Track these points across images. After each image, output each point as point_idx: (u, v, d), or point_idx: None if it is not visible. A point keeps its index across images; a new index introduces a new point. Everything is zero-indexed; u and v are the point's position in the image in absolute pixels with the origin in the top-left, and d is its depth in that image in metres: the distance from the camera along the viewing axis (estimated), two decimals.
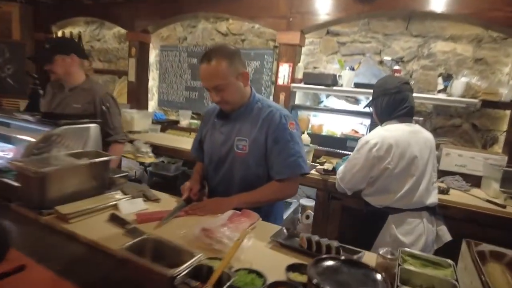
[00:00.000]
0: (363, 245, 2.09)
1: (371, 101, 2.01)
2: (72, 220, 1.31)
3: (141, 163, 3.93)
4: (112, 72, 4.50)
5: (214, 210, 1.47)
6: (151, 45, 4.14)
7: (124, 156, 2.78)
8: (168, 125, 3.75)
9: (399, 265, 1.08)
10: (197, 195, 1.70)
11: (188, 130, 3.63)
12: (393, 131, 1.85)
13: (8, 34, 4.42)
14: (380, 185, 1.86)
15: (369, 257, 1.20)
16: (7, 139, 1.79)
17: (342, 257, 1.02)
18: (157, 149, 3.22)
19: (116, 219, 1.34)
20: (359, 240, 2.13)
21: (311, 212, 2.87)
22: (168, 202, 1.63)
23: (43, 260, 1.08)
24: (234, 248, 1.00)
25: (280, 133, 1.51)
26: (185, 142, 3.19)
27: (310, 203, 2.98)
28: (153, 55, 4.22)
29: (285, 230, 1.34)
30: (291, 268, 1.05)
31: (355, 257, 1.19)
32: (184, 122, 3.78)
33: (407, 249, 1.21)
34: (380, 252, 1.11)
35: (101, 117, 1.97)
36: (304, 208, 3.01)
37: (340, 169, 2.05)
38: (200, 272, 0.95)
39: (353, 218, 2.42)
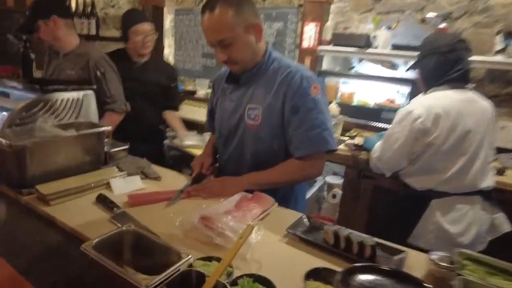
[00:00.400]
0: (398, 232, 1.81)
1: (416, 61, 1.66)
2: (53, 201, 1.12)
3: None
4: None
5: (220, 192, 1.23)
6: (165, 10, 3.85)
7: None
8: (185, 96, 3.52)
9: (458, 274, 0.80)
10: (210, 169, 1.46)
11: (205, 100, 3.37)
12: (442, 99, 1.51)
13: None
14: (424, 164, 1.54)
15: (414, 258, 0.92)
16: None
17: (384, 267, 0.75)
18: None
19: (103, 201, 1.13)
20: (393, 225, 1.85)
21: (338, 191, 2.59)
22: (170, 180, 1.40)
23: (10, 254, 0.89)
24: (234, 249, 0.76)
25: (300, 99, 1.22)
26: (202, 114, 2.93)
27: (338, 180, 2.70)
28: (168, 20, 3.94)
29: (306, 220, 1.08)
30: (312, 274, 0.80)
31: (396, 258, 0.92)
32: (201, 92, 3.53)
33: (466, 251, 0.92)
34: (432, 257, 0.83)
35: (96, 84, 1.74)
36: (330, 186, 2.73)
37: (377, 146, 1.75)
38: (189, 279, 0.71)
39: (387, 200, 2.12)
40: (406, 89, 2.52)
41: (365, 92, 2.72)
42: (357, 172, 2.24)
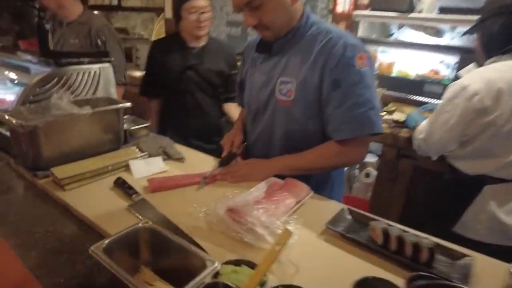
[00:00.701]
0: (441, 218, 1.65)
1: (476, 24, 1.42)
2: (68, 186, 1.03)
3: None
4: (149, 10, 4.11)
5: (248, 176, 1.11)
6: None
7: None
8: None
9: None
10: (241, 147, 1.34)
11: None
12: (505, 72, 1.29)
13: None
14: (479, 147, 1.35)
15: (481, 264, 0.77)
16: (7, 84, 1.53)
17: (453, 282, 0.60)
18: None
19: (122, 186, 1.03)
20: (436, 211, 1.68)
21: (371, 170, 2.42)
22: (195, 161, 1.29)
23: (22, 247, 0.82)
24: (270, 259, 0.63)
25: (343, 71, 1.03)
26: None
27: (372, 159, 2.51)
28: None
29: (348, 212, 0.94)
30: (360, 285, 0.67)
31: (460, 263, 0.77)
32: None
33: None
34: None
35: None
36: (363, 164, 2.55)
37: (422, 126, 1.55)
38: None
39: (429, 183, 1.94)
40: (453, 59, 2.26)
41: (405, 62, 2.46)
42: (396, 151, 2.05)
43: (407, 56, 2.45)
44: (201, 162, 1.28)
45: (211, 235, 0.84)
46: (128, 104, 1.30)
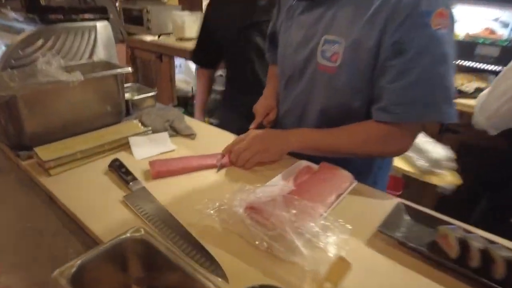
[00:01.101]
0: (501, 205, 1.42)
1: None
2: (54, 170, 0.85)
3: None
4: None
5: (262, 155, 0.89)
6: None
7: None
8: None
9: None
10: (275, 119, 1.11)
11: None
12: None
13: None
14: None
15: None
16: None
17: None
18: None
19: (118, 171, 0.84)
20: (493, 196, 1.46)
21: None
22: (208, 138, 1.08)
23: None
24: None
25: (411, 31, 0.74)
26: None
27: None
28: None
29: (405, 210, 0.72)
30: None
31: None
32: None
33: None
34: None
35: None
36: None
37: (481, 97, 1.28)
38: None
39: (478, 162, 1.69)
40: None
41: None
42: (439, 125, 1.79)
43: (455, 12, 2.10)
44: (217, 139, 1.07)
45: (226, 240, 0.65)
46: (129, 69, 1.09)
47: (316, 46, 0.87)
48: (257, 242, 0.61)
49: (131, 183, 0.79)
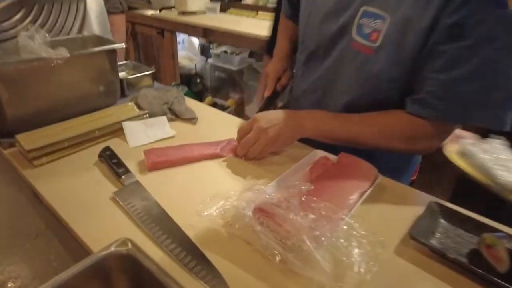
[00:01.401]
0: None
1: None
2: (38, 160, 0.75)
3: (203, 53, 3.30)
4: None
5: (274, 145, 0.75)
6: None
7: None
8: (230, 3, 2.91)
9: None
10: (288, 82, 0.98)
11: (254, 8, 2.75)
12: None
13: None
14: None
15: None
16: None
17: None
18: (217, 36, 2.49)
19: (109, 161, 0.74)
20: None
21: None
22: (213, 122, 0.98)
23: None
24: None
25: (478, 12, 0.59)
26: (251, 26, 2.39)
27: None
28: None
29: (438, 212, 0.62)
30: None
31: None
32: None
33: None
34: None
35: None
36: None
37: None
38: None
39: None
40: None
41: None
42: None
43: None
44: (222, 124, 0.96)
45: (231, 248, 0.55)
46: (122, 45, 0.97)
47: (352, 19, 0.72)
48: (268, 252, 0.52)
49: (123, 177, 0.70)
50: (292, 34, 1.01)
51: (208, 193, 0.64)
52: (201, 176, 0.74)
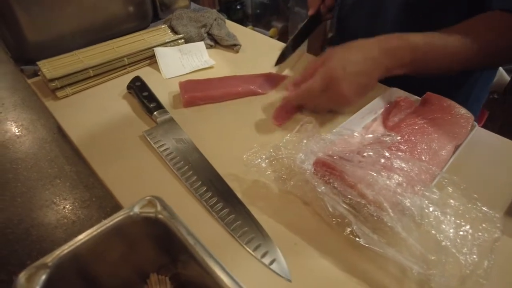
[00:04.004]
0: None
1: None
2: (61, 91, 0.66)
3: None
4: None
5: (344, 100, 0.56)
6: None
7: None
8: None
9: None
10: (333, 3, 0.80)
11: None
12: None
13: None
14: None
15: None
16: None
17: None
18: None
19: (140, 93, 0.63)
20: None
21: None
22: (259, 48, 0.82)
23: None
24: None
25: None
26: None
27: None
28: None
29: None
30: None
31: None
32: None
33: None
34: None
35: None
36: None
37: None
38: None
39: None
40: None
41: None
42: None
43: None
44: (269, 53, 0.80)
45: (284, 210, 0.44)
46: None
47: None
48: (333, 220, 0.40)
49: (155, 113, 0.59)
50: None
51: (256, 138, 0.52)
52: (247, 117, 0.61)
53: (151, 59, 0.75)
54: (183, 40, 0.79)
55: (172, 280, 0.38)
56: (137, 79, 0.66)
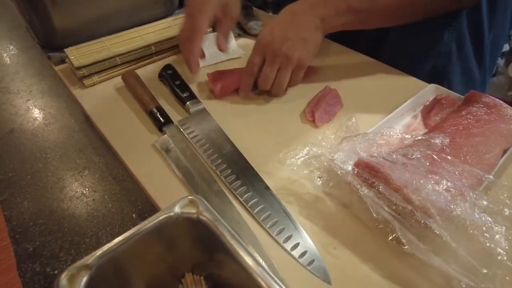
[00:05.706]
0: None
1: None
2: (89, 80, 0.65)
3: None
4: None
5: (290, 62, 0.55)
6: None
7: None
8: None
9: None
10: None
11: None
12: None
13: None
14: None
15: None
16: None
17: None
18: None
19: (173, 82, 0.62)
20: None
21: None
22: None
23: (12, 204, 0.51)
24: None
25: None
26: None
27: None
28: None
29: None
30: None
31: None
32: None
33: None
34: None
35: None
36: None
37: None
38: None
39: None
40: None
41: None
42: None
43: None
44: None
45: (323, 212, 0.43)
46: None
47: None
48: (375, 225, 0.39)
49: (188, 103, 0.58)
50: None
51: (289, 134, 0.51)
52: (280, 111, 0.59)
53: (178, 48, 0.73)
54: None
55: (206, 279, 0.37)
56: (169, 67, 0.65)
